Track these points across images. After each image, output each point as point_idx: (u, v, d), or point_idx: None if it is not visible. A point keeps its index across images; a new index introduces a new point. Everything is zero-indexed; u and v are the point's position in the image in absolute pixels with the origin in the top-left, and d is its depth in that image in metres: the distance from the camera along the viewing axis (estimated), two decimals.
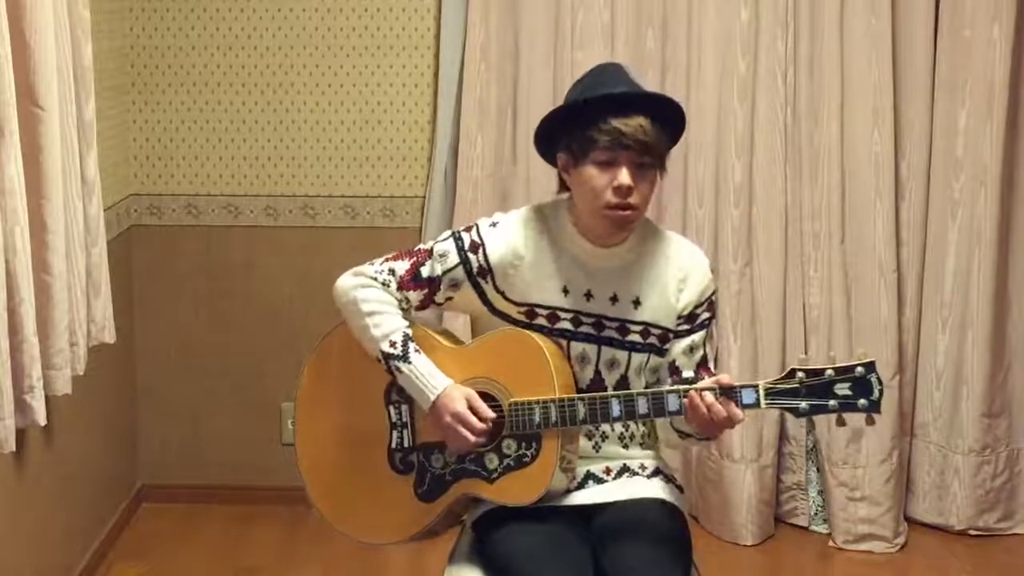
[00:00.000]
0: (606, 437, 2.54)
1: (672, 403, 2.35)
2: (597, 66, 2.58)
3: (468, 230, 2.51)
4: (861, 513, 4.00)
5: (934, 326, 4.04)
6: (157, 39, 4.02)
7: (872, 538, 4.00)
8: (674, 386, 2.40)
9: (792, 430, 4.08)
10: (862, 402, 2.29)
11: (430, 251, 2.51)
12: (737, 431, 3.83)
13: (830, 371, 2.30)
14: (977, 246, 3.94)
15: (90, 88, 3.17)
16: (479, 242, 2.48)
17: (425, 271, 2.50)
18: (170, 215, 4.13)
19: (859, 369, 2.29)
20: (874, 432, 3.90)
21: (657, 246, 2.54)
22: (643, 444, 2.60)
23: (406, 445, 2.53)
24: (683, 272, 2.53)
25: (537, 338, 2.44)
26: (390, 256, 2.54)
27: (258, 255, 4.16)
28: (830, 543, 4.04)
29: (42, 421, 2.83)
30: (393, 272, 2.51)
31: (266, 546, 3.97)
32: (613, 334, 2.50)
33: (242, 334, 4.18)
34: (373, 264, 2.53)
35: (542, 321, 2.48)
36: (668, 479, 2.59)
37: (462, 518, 2.62)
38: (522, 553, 2.37)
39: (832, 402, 2.30)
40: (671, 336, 2.53)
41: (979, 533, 4.07)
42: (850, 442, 3.99)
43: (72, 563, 3.62)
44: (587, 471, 2.53)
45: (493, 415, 2.42)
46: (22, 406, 2.77)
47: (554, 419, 2.39)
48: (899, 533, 4.03)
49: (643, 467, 2.57)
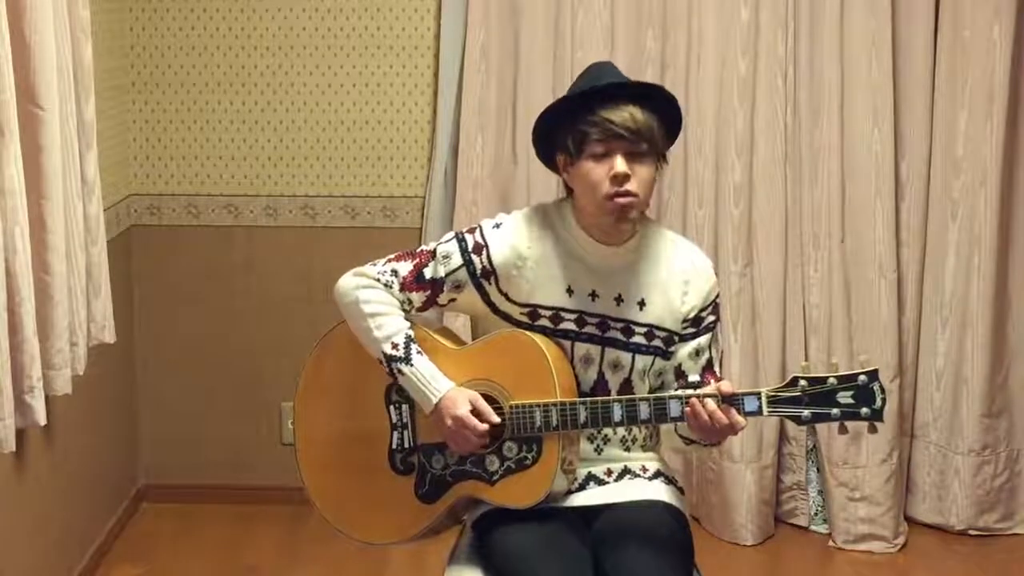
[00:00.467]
0: (608, 440, 2.54)
1: (674, 409, 2.34)
2: (587, 67, 2.58)
3: (471, 231, 2.50)
4: (861, 513, 4.00)
5: (934, 326, 4.04)
6: (157, 39, 4.02)
7: (872, 538, 4.00)
8: (676, 392, 2.39)
9: (792, 431, 4.08)
10: (864, 411, 2.29)
11: (433, 252, 2.50)
12: (738, 434, 3.83)
13: (833, 379, 2.29)
14: (977, 246, 3.94)
15: (90, 88, 3.17)
16: (483, 243, 2.48)
17: (428, 272, 2.49)
18: (170, 215, 4.13)
19: (862, 378, 2.29)
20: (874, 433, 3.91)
21: (661, 248, 2.54)
22: (645, 447, 2.60)
23: (407, 446, 2.53)
24: (687, 276, 2.53)
25: (538, 340, 2.43)
26: (392, 257, 2.53)
27: (258, 255, 4.16)
28: (830, 543, 4.04)
29: (42, 421, 2.84)
30: (396, 273, 2.50)
31: (266, 546, 3.96)
32: (617, 335, 2.49)
33: (242, 334, 4.18)
34: (375, 265, 2.52)
35: (545, 322, 2.48)
36: (669, 481, 2.59)
37: (462, 518, 2.62)
38: (522, 553, 2.37)
39: (835, 410, 2.29)
40: (676, 339, 2.53)
41: (979, 533, 4.07)
42: (850, 442, 3.98)
43: (72, 563, 3.62)
44: (588, 472, 2.52)
45: (496, 419, 2.42)
46: (22, 406, 2.77)
47: (555, 422, 2.39)
48: (899, 533, 4.03)
49: (644, 469, 2.56)
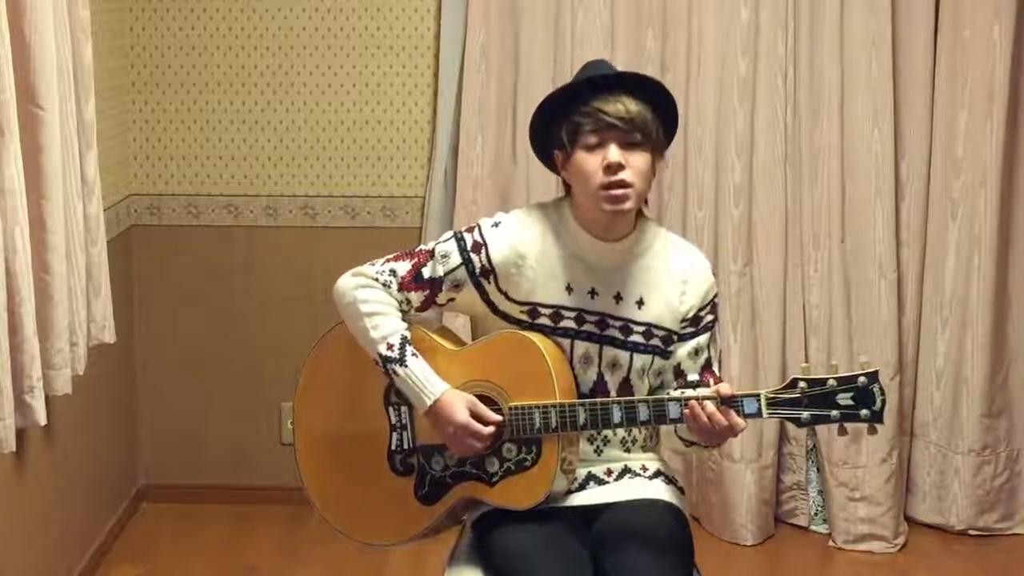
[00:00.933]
0: (608, 441, 2.54)
1: (673, 411, 2.34)
2: (584, 65, 2.59)
3: (470, 230, 2.50)
4: (861, 513, 4.00)
5: (934, 326, 4.04)
6: (157, 39, 4.02)
7: (872, 538, 4.00)
8: (675, 394, 2.38)
9: (792, 431, 4.08)
10: (864, 412, 2.28)
11: (432, 252, 2.50)
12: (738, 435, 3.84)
13: (832, 381, 2.29)
14: (977, 246, 3.94)
15: (90, 88, 3.17)
16: (482, 242, 2.48)
17: (427, 272, 2.49)
18: (170, 215, 4.13)
19: (862, 379, 2.28)
20: None
21: (660, 248, 2.54)
22: (645, 447, 2.60)
23: (406, 447, 2.52)
24: (686, 275, 2.53)
25: (537, 341, 2.43)
26: (391, 257, 2.52)
27: (258, 255, 4.16)
28: (830, 543, 4.04)
29: (42, 421, 2.83)
30: (394, 273, 2.50)
31: (266, 546, 3.97)
32: (616, 334, 2.49)
33: (242, 334, 4.18)
34: (374, 265, 2.52)
35: (545, 320, 2.48)
36: (669, 480, 2.59)
37: (462, 518, 2.62)
38: (521, 553, 2.37)
39: (834, 412, 2.29)
40: (675, 338, 2.53)
41: (979, 533, 4.07)
42: (850, 442, 3.98)
43: (72, 563, 3.62)
44: (588, 472, 2.52)
45: (498, 419, 2.42)
46: (22, 406, 2.77)
47: (554, 424, 2.38)
48: (899, 533, 4.03)
49: (644, 468, 2.56)
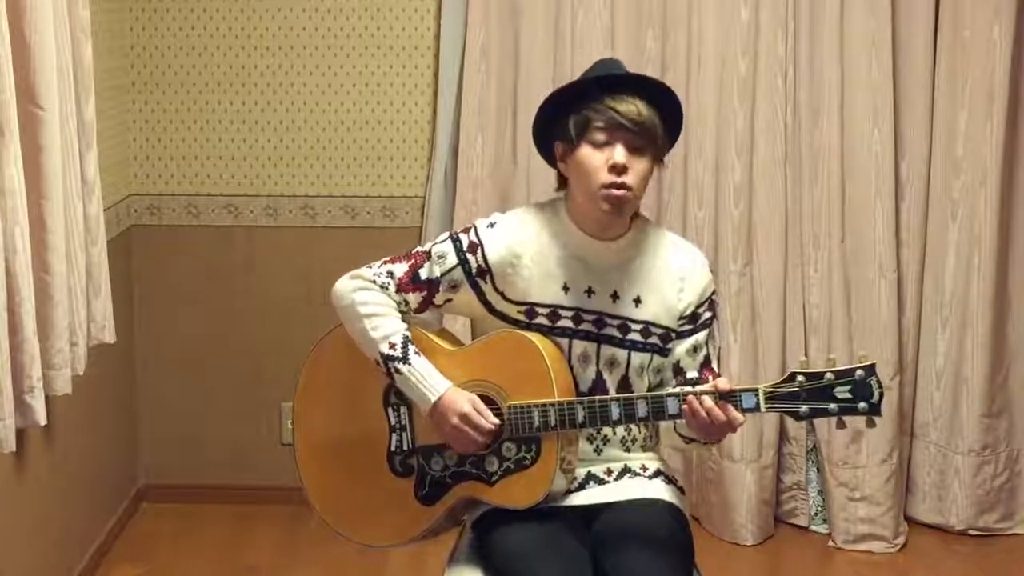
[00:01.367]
0: (608, 440, 2.54)
1: (671, 406, 2.34)
2: (595, 62, 2.59)
3: (466, 231, 2.51)
4: (861, 513, 4.00)
5: (934, 326, 4.04)
6: (157, 39, 4.02)
7: (872, 538, 4.00)
8: (673, 390, 2.39)
9: (792, 430, 4.08)
10: (862, 405, 2.29)
11: (428, 253, 2.51)
12: (737, 431, 3.83)
13: (830, 374, 2.29)
14: (977, 246, 3.94)
15: (90, 88, 3.17)
16: (477, 242, 2.48)
17: (424, 273, 2.50)
18: (170, 215, 4.13)
19: (859, 372, 2.28)
20: (874, 432, 3.90)
21: (656, 245, 2.54)
22: (644, 447, 2.60)
23: (405, 448, 2.53)
24: (683, 273, 2.53)
25: (536, 340, 2.43)
26: (388, 259, 2.53)
27: (258, 255, 4.16)
28: (830, 543, 4.04)
29: (42, 421, 2.83)
30: (391, 274, 2.50)
31: (266, 546, 3.97)
32: (613, 332, 2.49)
33: (242, 334, 4.18)
34: (371, 267, 2.52)
35: (542, 320, 2.48)
36: (669, 480, 2.59)
37: (462, 519, 2.62)
38: (521, 552, 2.37)
39: (832, 405, 2.29)
40: (673, 336, 2.53)
41: (979, 533, 4.07)
42: (850, 442, 3.99)
43: (72, 563, 3.62)
44: (588, 472, 2.52)
45: (497, 421, 2.42)
46: (22, 406, 2.77)
47: (553, 422, 2.39)
48: (899, 533, 4.03)
49: (644, 468, 2.56)
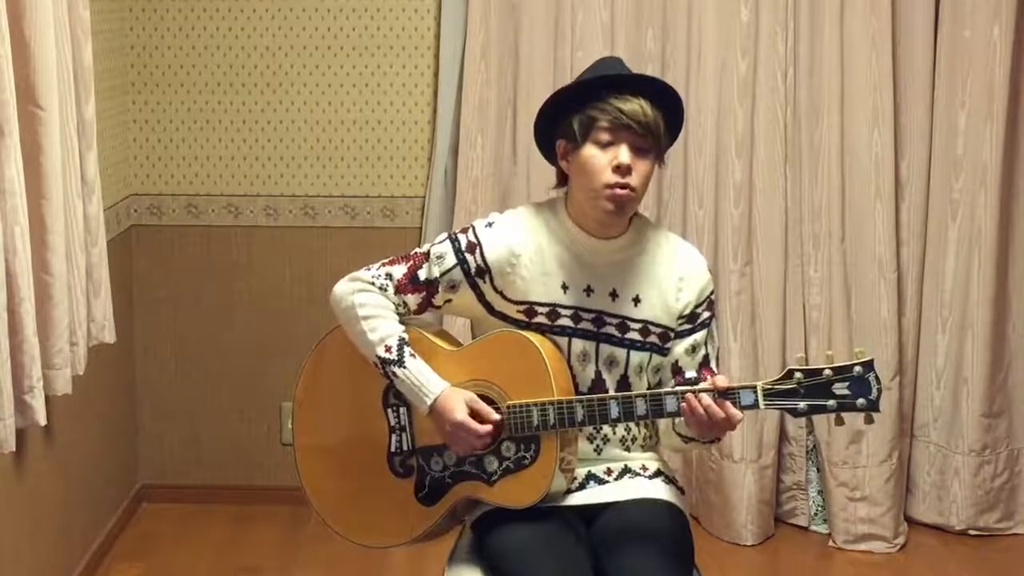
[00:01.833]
0: (607, 440, 2.54)
1: (670, 404, 2.35)
2: (597, 60, 2.60)
3: (464, 231, 2.51)
4: (861, 513, 4.00)
5: (934, 326, 4.04)
6: (157, 39, 4.02)
7: (872, 538, 4.00)
8: (672, 388, 2.40)
9: (792, 430, 4.08)
10: (861, 401, 2.29)
11: (427, 254, 2.51)
12: (737, 431, 3.78)
13: (828, 371, 2.29)
14: (977, 246, 3.94)
15: (90, 88, 3.17)
16: (476, 242, 2.48)
17: (422, 274, 2.50)
18: (170, 215, 4.13)
19: (857, 368, 2.29)
20: (874, 432, 3.91)
21: (655, 245, 2.54)
22: (644, 446, 2.60)
23: (405, 448, 2.53)
24: (682, 272, 2.53)
25: (534, 339, 2.43)
26: (386, 261, 2.53)
27: (258, 255, 4.16)
28: (830, 543, 4.04)
29: (42, 421, 2.83)
30: (390, 276, 2.50)
31: (266, 546, 3.97)
32: (612, 331, 2.50)
33: (242, 334, 4.18)
34: (370, 269, 2.52)
35: (541, 319, 2.48)
36: (669, 480, 2.59)
37: (462, 519, 2.62)
38: (520, 552, 2.37)
39: (831, 402, 2.29)
40: (672, 335, 2.53)
41: (979, 533, 4.07)
42: (850, 442, 3.99)
43: (72, 563, 3.62)
44: (588, 472, 2.52)
45: (497, 417, 2.42)
46: (22, 406, 2.77)
47: (552, 421, 2.39)
48: (899, 533, 4.03)
49: (644, 468, 2.56)
